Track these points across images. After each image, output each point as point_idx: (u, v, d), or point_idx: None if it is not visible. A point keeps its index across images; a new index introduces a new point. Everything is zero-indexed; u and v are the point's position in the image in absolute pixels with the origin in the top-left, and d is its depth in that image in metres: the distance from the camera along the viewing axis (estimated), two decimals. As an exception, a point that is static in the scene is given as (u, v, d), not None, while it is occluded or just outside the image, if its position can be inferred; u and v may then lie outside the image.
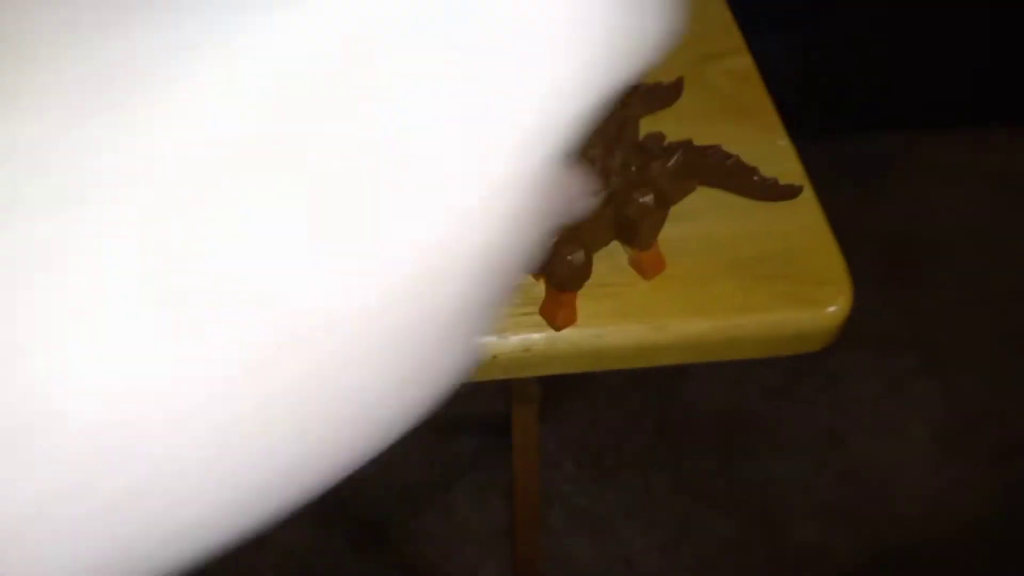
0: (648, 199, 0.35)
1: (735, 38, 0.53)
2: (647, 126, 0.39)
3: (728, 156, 0.38)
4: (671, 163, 0.37)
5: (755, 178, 0.39)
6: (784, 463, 1.20)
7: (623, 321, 0.39)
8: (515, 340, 0.39)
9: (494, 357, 0.39)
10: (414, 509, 1.16)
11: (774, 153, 0.46)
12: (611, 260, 0.40)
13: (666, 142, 0.38)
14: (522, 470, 0.94)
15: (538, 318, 0.39)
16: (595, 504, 1.17)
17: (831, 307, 0.40)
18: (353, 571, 1.11)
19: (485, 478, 1.18)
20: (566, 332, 0.39)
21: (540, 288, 0.41)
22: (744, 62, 0.51)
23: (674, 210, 0.39)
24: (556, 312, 0.37)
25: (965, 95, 1.47)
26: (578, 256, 0.34)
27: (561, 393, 1.24)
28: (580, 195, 0.17)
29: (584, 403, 1.25)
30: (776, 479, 1.18)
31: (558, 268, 0.35)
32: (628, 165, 0.36)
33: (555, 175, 0.12)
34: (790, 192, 0.40)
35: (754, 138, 0.46)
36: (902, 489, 1.17)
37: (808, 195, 0.43)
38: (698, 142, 0.39)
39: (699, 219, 0.42)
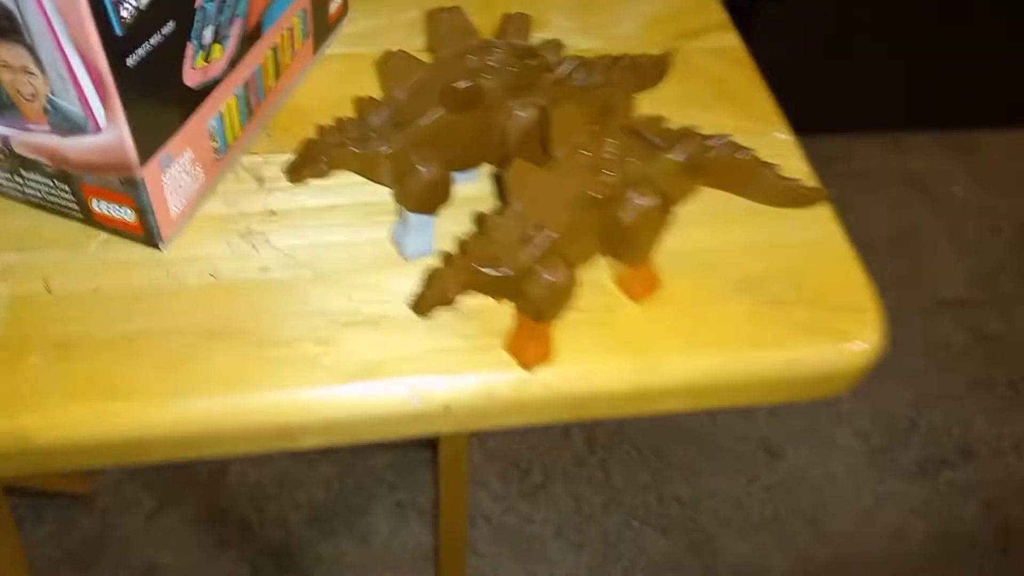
0: (649, 202, 0.27)
1: (717, 12, 0.45)
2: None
3: (740, 149, 0.30)
4: (680, 157, 0.28)
5: (773, 179, 0.31)
6: (718, 477, 1.16)
7: (610, 358, 0.31)
8: (473, 383, 0.30)
9: (446, 408, 0.30)
10: (326, 532, 1.07)
11: (774, 148, 0.38)
12: (591, 274, 0.32)
13: (664, 127, 0.29)
14: (450, 489, 0.85)
15: (502, 354, 0.31)
16: (523, 523, 1.11)
17: (858, 342, 0.33)
18: (256, 602, 1.00)
19: (404, 496, 1.10)
20: (539, 373, 0.30)
21: (504, 315, 0.32)
22: (731, 40, 0.44)
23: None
24: (526, 347, 0.28)
25: (889, 101, 1.47)
26: (560, 274, 0.26)
27: None
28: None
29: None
30: (709, 494, 1.15)
31: (533, 290, 0.26)
32: (623, 156, 0.27)
33: None
34: (814, 197, 0.32)
35: (749, 130, 0.39)
36: (833, 504, 1.15)
37: (825, 205, 0.36)
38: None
39: (695, 228, 0.34)
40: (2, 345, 0.29)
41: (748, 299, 0.33)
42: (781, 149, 0.39)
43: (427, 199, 0.30)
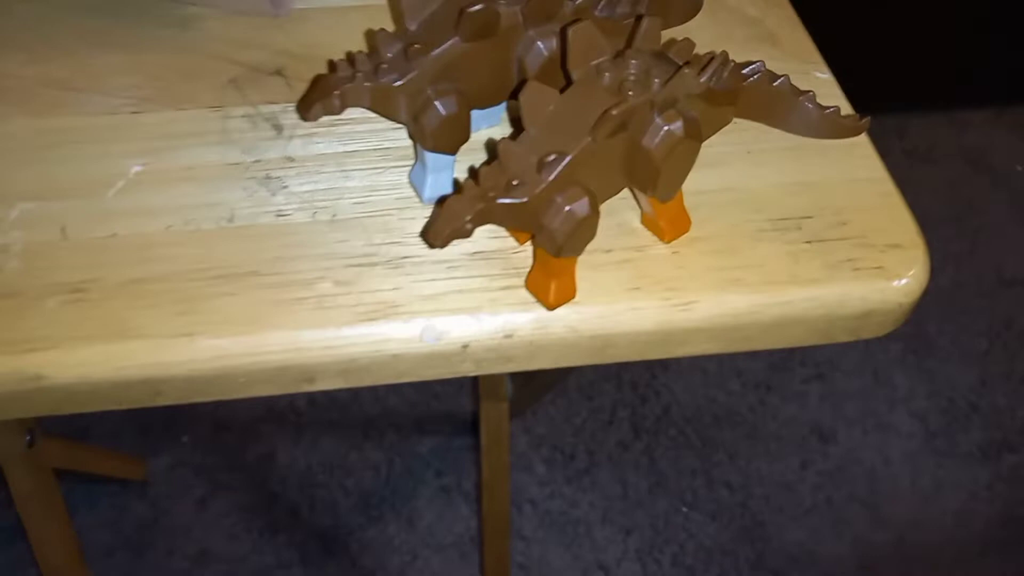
0: (677, 127, 0.25)
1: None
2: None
3: (776, 77, 0.28)
4: (706, 79, 0.27)
5: (811, 108, 0.29)
6: (768, 462, 1.14)
7: (638, 297, 0.29)
8: (493, 323, 0.29)
9: (464, 347, 0.29)
10: (373, 517, 1.07)
11: (814, 87, 0.36)
12: (618, 217, 0.31)
13: (694, 53, 0.28)
14: (491, 474, 0.85)
15: (520, 293, 0.30)
16: (568, 508, 1.10)
17: (903, 278, 0.31)
18: (306, 586, 1.01)
19: (450, 481, 1.10)
20: (562, 312, 0.29)
21: (521, 253, 0.31)
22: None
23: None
24: (548, 285, 0.27)
25: (944, 75, 1.43)
26: (581, 206, 0.24)
27: (530, 388, 1.16)
28: None
29: (555, 399, 1.18)
30: (760, 479, 1.12)
31: (554, 223, 0.25)
32: (649, 77, 0.26)
33: None
34: (854, 126, 0.30)
35: (787, 69, 0.37)
36: (890, 488, 1.12)
37: (864, 140, 0.34)
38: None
39: (728, 165, 0.32)
40: (17, 291, 0.29)
41: (785, 238, 0.31)
42: (822, 87, 0.37)
43: (444, 137, 0.29)
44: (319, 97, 0.28)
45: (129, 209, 0.31)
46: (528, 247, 0.31)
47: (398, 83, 0.28)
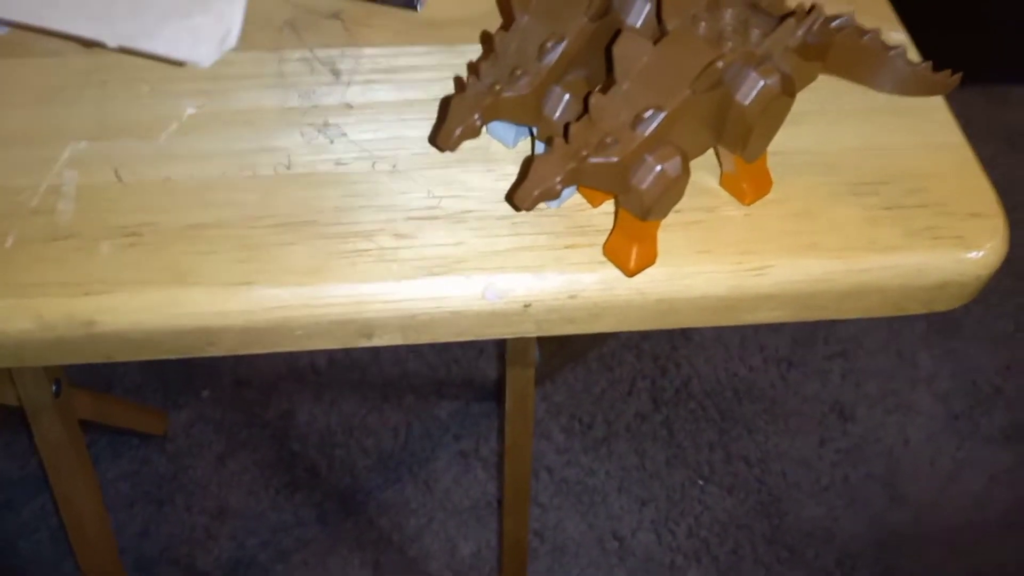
0: (774, 81, 0.24)
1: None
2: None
3: (866, 31, 0.27)
4: (802, 31, 0.25)
5: (901, 62, 0.28)
6: (787, 438, 1.13)
7: (709, 260, 0.28)
8: (557, 283, 0.28)
9: (526, 306, 0.29)
10: (391, 478, 1.08)
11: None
12: (695, 177, 0.29)
13: (786, 4, 0.26)
14: (515, 440, 0.84)
15: (588, 253, 0.29)
16: (585, 476, 1.10)
17: (980, 250, 0.30)
18: (321, 545, 1.02)
19: (468, 446, 1.10)
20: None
21: (591, 214, 0.30)
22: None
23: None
24: (630, 249, 0.26)
25: (984, 53, 1.40)
26: (674, 165, 0.23)
27: (551, 357, 1.15)
28: None
29: (575, 368, 1.17)
30: (778, 455, 1.12)
31: (644, 181, 0.23)
32: (746, 27, 0.25)
33: None
34: (944, 82, 0.29)
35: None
36: (909, 469, 1.12)
37: (944, 111, 0.32)
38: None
39: (808, 125, 0.31)
40: (72, 233, 0.28)
41: (862, 202, 0.30)
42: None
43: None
44: (459, 123, 0.26)
45: (184, 152, 0.30)
46: (591, 207, 0.30)
47: (530, 86, 0.26)
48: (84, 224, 0.28)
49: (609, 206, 0.30)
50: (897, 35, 0.36)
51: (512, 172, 0.31)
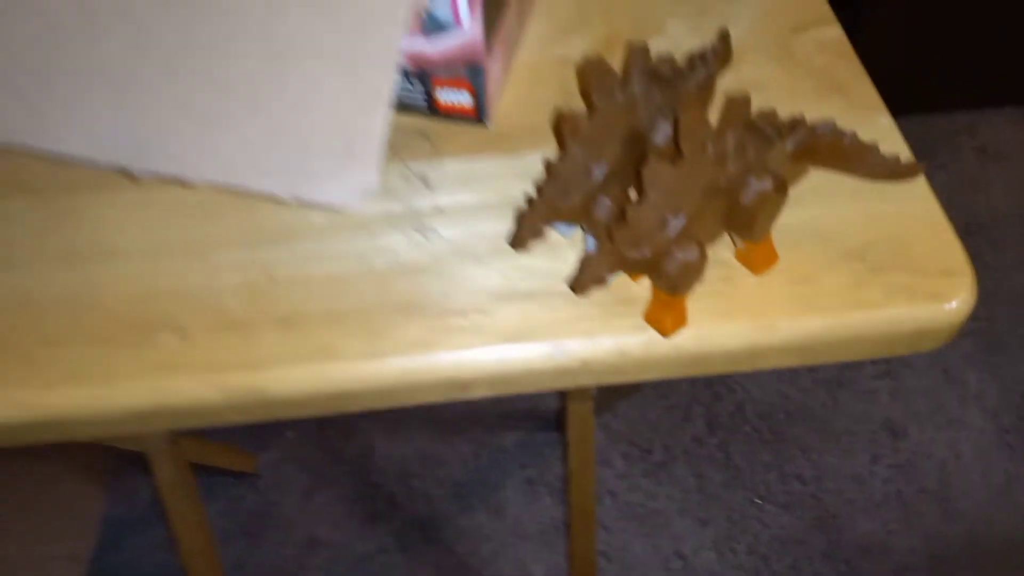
0: (767, 185, 0.32)
1: (822, 7, 0.49)
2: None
3: (843, 133, 0.35)
4: (790, 145, 0.34)
5: (875, 157, 0.36)
6: (839, 456, 1.16)
7: (729, 322, 0.36)
8: (609, 344, 0.37)
9: (584, 363, 0.37)
10: (464, 506, 1.13)
11: (877, 133, 0.42)
12: (713, 253, 0.37)
13: (777, 120, 0.35)
14: (578, 467, 0.91)
15: (632, 319, 0.37)
16: (647, 500, 1.14)
17: (952, 302, 0.37)
18: (404, 571, 1.09)
19: (534, 474, 1.16)
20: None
21: (632, 287, 0.38)
22: (835, 33, 0.48)
23: (779, 199, 0.36)
24: (665, 317, 0.34)
25: (1015, 74, 1.42)
26: (693, 254, 0.31)
27: (608, 390, 1.21)
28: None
29: (632, 397, 1.23)
30: (831, 473, 1.15)
31: (671, 269, 0.32)
32: (744, 148, 0.33)
33: None
34: (912, 171, 0.36)
35: (853, 117, 0.43)
36: (961, 483, 1.13)
37: (920, 181, 0.40)
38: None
39: (806, 205, 0.39)
40: (242, 322, 0.37)
41: (852, 266, 0.38)
42: (883, 132, 0.43)
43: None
44: (528, 231, 0.35)
45: (317, 254, 0.39)
46: (633, 283, 0.38)
47: (582, 199, 0.35)
48: (248, 315, 0.37)
49: (647, 280, 0.38)
50: (884, 120, 0.44)
51: (569, 256, 0.39)
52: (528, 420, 1.21)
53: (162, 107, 0.35)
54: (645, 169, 0.32)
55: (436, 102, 0.42)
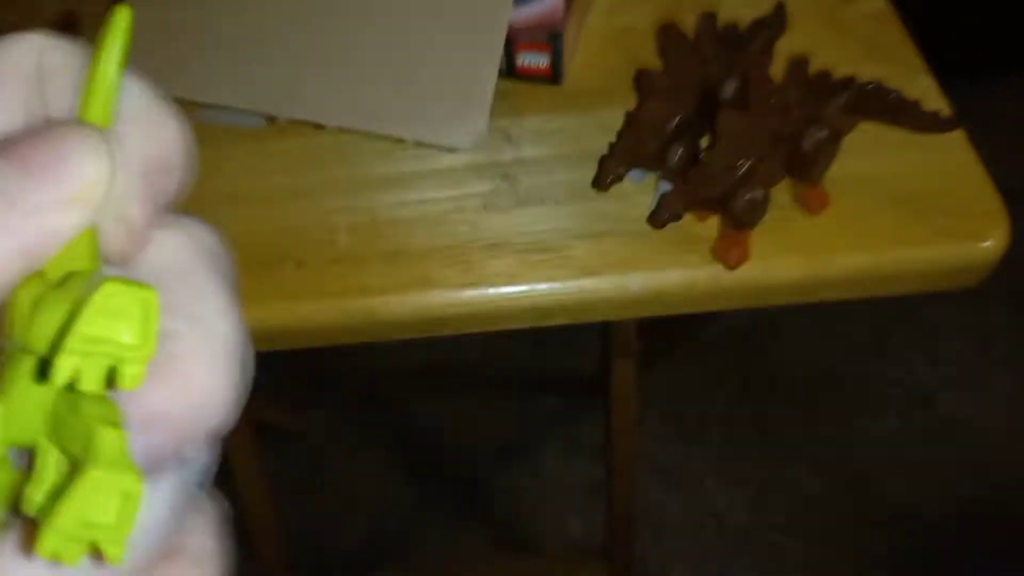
0: (824, 134, 0.36)
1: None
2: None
3: (890, 91, 0.39)
4: (843, 99, 0.38)
5: (917, 112, 0.40)
6: (872, 421, 1.19)
7: (789, 256, 0.40)
8: (678, 277, 0.41)
9: (657, 294, 0.41)
10: (503, 466, 1.18)
11: (919, 92, 0.46)
12: (773, 197, 0.42)
13: (832, 79, 0.39)
14: (620, 425, 0.95)
15: (699, 255, 0.41)
16: (682, 461, 1.18)
17: (988, 240, 0.41)
18: (446, 525, 1.13)
19: (572, 436, 1.20)
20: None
21: (697, 227, 0.42)
22: (880, 5, 0.52)
23: (832, 148, 0.40)
24: (731, 251, 0.39)
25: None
26: (758, 193, 0.36)
27: (645, 352, 1.24)
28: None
29: (667, 362, 1.26)
30: (863, 437, 1.18)
31: (739, 206, 0.36)
32: (804, 102, 0.37)
33: None
34: (949, 124, 0.41)
35: (897, 78, 0.47)
36: (992, 448, 1.15)
37: (959, 133, 0.44)
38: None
39: (857, 157, 0.43)
40: (351, 256, 0.42)
41: (898, 209, 0.42)
42: (925, 92, 0.47)
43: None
44: (611, 173, 0.40)
45: (416, 199, 0.44)
46: (699, 224, 0.42)
47: (659, 147, 0.40)
48: (357, 250, 0.42)
49: (713, 221, 0.42)
50: (926, 81, 0.47)
51: (639, 201, 0.44)
52: (566, 384, 1.25)
53: (304, 64, 0.40)
54: (719, 117, 0.37)
55: (515, 65, 0.47)
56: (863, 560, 1.09)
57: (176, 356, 0.14)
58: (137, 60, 0.15)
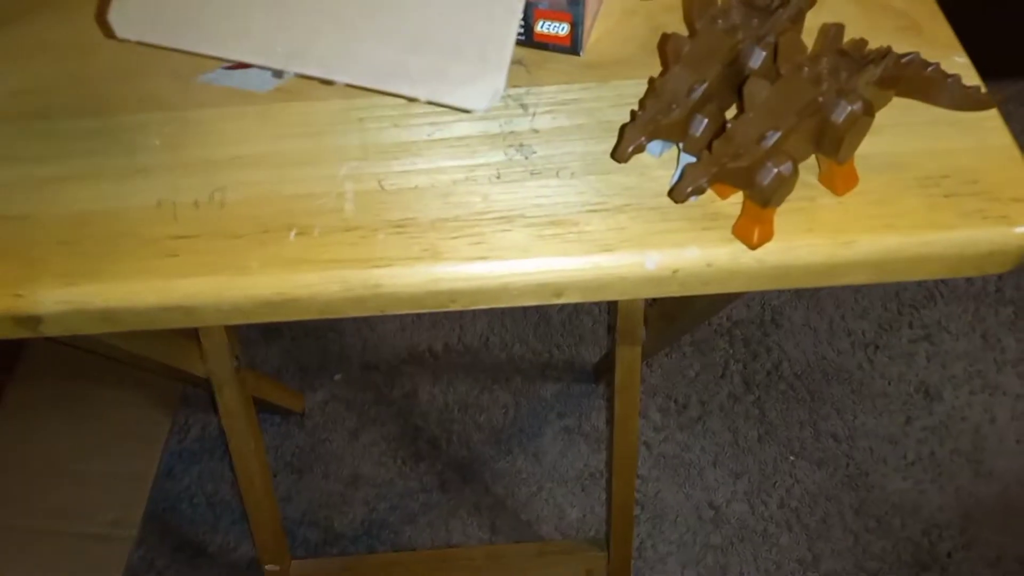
0: (856, 106, 0.35)
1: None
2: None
3: (928, 64, 0.37)
4: (879, 70, 0.36)
5: (955, 87, 0.38)
6: (874, 416, 1.18)
7: (810, 236, 0.39)
8: (697, 255, 0.39)
9: (674, 272, 0.40)
10: (503, 451, 1.17)
11: (952, 70, 0.44)
12: (798, 176, 0.40)
13: (867, 48, 0.37)
14: (623, 413, 0.94)
15: (719, 232, 0.39)
16: (681, 452, 1.17)
17: (1020, 226, 0.39)
18: (443, 509, 1.13)
19: (572, 423, 1.19)
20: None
21: (718, 204, 0.40)
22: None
23: (861, 126, 0.39)
24: (754, 229, 0.37)
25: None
26: (787, 168, 0.34)
27: (662, 336, 1.23)
28: None
29: (669, 352, 1.25)
30: (865, 432, 1.17)
31: (765, 180, 0.34)
32: (836, 72, 0.35)
33: None
34: (987, 102, 0.39)
35: (931, 55, 0.45)
36: (996, 446, 1.15)
37: (995, 114, 0.42)
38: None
39: (885, 135, 0.41)
40: (356, 226, 0.40)
41: (928, 190, 0.40)
42: (961, 70, 0.45)
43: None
44: (631, 142, 0.37)
45: (425, 168, 0.42)
46: (720, 200, 0.40)
47: (683, 116, 0.38)
48: (364, 219, 0.40)
49: (734, 199, 0.40)
50: (960, 59, 0.46)
51: (657, 175, 0.42)
52: (567, 372, 1.24)
53: (315, 17, 0.38)
54: (747, 85, 0.35)
55: (534, 32, 0.45)
56: (862, 554, 1.09)
57: None
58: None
